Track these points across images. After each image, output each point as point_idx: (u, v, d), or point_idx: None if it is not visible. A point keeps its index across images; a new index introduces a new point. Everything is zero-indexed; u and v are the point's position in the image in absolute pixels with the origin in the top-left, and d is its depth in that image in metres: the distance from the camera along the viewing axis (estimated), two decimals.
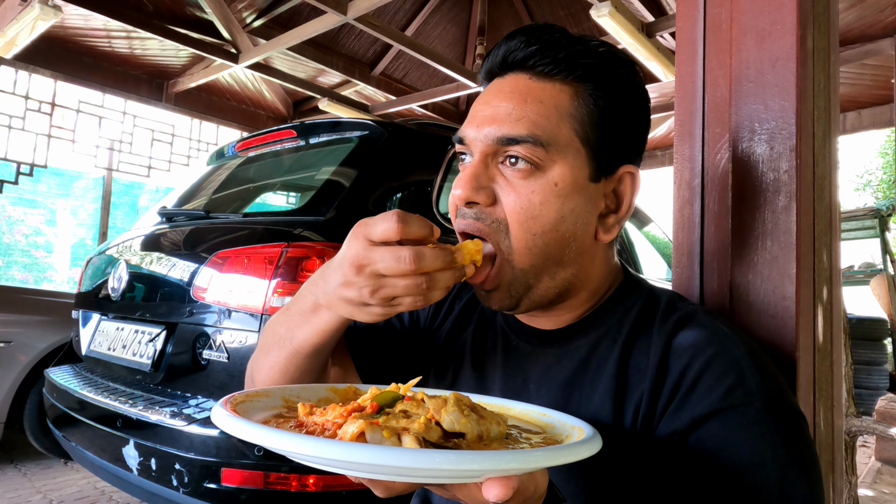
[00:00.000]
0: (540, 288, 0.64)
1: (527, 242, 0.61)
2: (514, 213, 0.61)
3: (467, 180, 0.61)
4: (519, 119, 0.60)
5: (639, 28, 3.97)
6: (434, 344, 0.82)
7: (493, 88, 0.64)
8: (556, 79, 0.61)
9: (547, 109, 0.60)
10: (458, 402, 0.47)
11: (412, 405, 0.48)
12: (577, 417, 0.63)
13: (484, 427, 0.46)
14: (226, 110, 6.42)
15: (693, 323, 0.62)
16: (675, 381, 0.58)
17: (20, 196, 6.98)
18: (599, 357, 0.65)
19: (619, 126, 0.64)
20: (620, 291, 0.69)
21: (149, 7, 4.71)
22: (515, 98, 0.61)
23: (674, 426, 0.57)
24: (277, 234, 1.68)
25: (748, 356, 0.57)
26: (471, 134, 0.63)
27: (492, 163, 0.62)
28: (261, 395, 0.55)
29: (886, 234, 6.39)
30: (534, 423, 0.57)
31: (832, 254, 0.86)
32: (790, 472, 0.52)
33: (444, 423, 0.45)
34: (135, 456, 1.62)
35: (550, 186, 0.60)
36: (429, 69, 6.35)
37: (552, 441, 0.51)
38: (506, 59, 0.63)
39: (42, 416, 2.98)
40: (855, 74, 5.21)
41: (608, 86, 0.62)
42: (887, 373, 5.42)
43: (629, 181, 0.66)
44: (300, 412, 0.50)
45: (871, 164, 18.76)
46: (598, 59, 0.62)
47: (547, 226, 0.61)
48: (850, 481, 2.00)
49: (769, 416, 0.54)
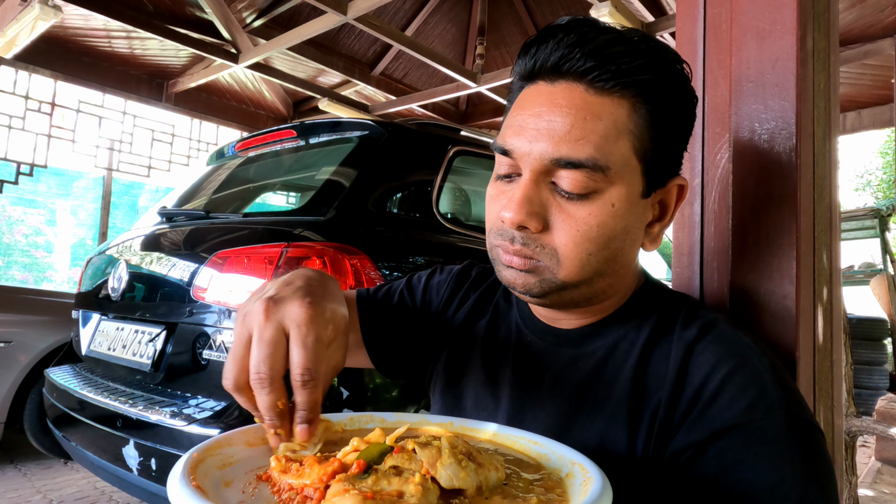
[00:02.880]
0: (574, 293, 0.62)
1: (580, 261, 0.58)
2: (569, 238, 0.57)
3: (520, 203, 0.56)
4: (579, 139, 0.55)
5: (639, 28, 3.97)
6: (447, 330, 0.80)
7: (544, 98, 0.57)
8: (613, 93, 0.56)
9: (607, 128, 0.56)
10: (454, 451, 0.43)
11: (403, 459, 0.44)
12: (585, 422, 0.62)
13: (482, 476, 0.43)
14: (226, 110, 6.42)
15: (715, 332, 0.61)
16: (694, 390, 0.57)
17: (20, 196, 6.99)
18: (616, 361, 0.64)
19: (674, 136, 0.61)
20: (640, 295, 0.68)
21: (149, 7, 4.71)
22: (573, 114, 0.55)
23: (692, 437, 0.55)
24: (277, 234, 1.68)
25: (770, 369, 0.56)
26: (521, 148, 0.57)
27: (543, 182, 0.57)
28: (222, 446, 0.50)
29: (886, 234, 6.39)
30: (524, 453, 0.54)
31: (832, 254, 0.86)
32: (810, 490, 0.51)
33: (441, 479, 0.41)
34: (135, 456, 1.62)
35: (608, 208, 0.57)
36: (429, 69, 6.35)
37: (552, 483, 0.48)
38: (558, 65, 0.57)
39: (42, 416, 2.98)
40: (855, 74, 5.21)
41: (665, 97, 0.59)
42: (887, 373, 5.41)
43: (676, 191, 0.64)
44: (272, 468, 0.45)
45: (871, 164, 18.76)
46: (658, 71, 0.58)
47: (601, 245, 0.58)
48: (850, 481, 2.00)
49: (790, 431, 0.53)
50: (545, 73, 0.58)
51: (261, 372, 0.47)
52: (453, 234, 2.01)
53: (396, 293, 0.86)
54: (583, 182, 0.56)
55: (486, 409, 0.72)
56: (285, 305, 0.49)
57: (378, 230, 1.79)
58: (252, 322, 0.49)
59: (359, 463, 0.42)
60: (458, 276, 0.84)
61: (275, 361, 0.48)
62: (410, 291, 0.86)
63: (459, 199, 2.33)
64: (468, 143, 2.18)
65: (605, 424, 0.61)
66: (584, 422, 0.63)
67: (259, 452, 0.52)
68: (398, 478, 0.41)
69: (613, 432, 0.60)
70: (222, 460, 0.48)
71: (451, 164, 2.10)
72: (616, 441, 0.60)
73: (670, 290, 0.71)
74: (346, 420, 0.60)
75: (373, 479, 0.40)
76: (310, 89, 5.94)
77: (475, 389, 0.74)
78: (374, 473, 0.41)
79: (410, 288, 0.86)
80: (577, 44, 0.56)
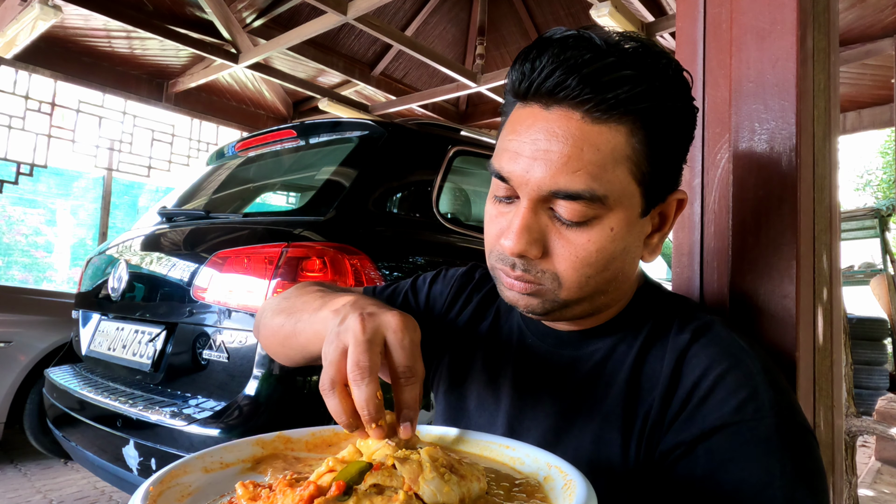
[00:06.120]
0: (576, 309, 0.62)
1: (579, 283, 0.59)
2: (569, 264, 0.58)
3: (519, 234, 0.56)
4: (576, 171, 0.54)
5: (639, 28, 3.97)
6: (450, 332, 0.81)
7: (540, 125, 0.56)
8: (611, 120, 0.55)
9: (604, 158, 0.54)
10: (435, 465, 0.42)
11: (383, 476, 0.42)
12: (582, 423, 0.62)
13: (465, 488, 0.42)
14: (226, 110, 6.42)
15: (710, 334, 0.61)
16: (686, 391, 0.57)
17: (20, 196, 6.98)
18: (614, 362, 0.64)
19: (673, 154, 0.60)
20: (640, 297, 0.68)
21: (149, 7, 4.70)
22: (571, 144, 0.54)
23: (682, 437, 0.56)
24: (277, 234, 1.68)
25: (763, 372, 0.56)
26: (518, 176, 0.57)
27: (542, 208, 0.57)
28: (178, 475, 0.46)
29: (886, 234, 6.39)
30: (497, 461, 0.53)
31: (832, 254, 0.86)
32: (797, 491, 0.51)
33: (424, 496, 0.40)
34: (135, 456, 1.62)
35: (606, 233, 0.57)
36: (429, 69, 6.35)
37: (531, 488, 0.47)
38: (553, 92, 0.55)
39: (42, 416, 2.98)
40: (855, 74, 5.21)
41: (665, 120, 0.57)
42: (887, 373, 5.41)
43: (675, 204, 0.64)
44: (239, 495, 0.41)
45: (871, 164, 18.77)
46: (658, 97, 0.56)
47: (600, 268, 0.58)
48: (850, 481, 2.00)
49: (780, 433, 0.53)
50: (540, 96, 0.56)
51: (360, 362, 0.48)
52: (453, 234, 2.01)
53: (402, 294, 0.86)
54: (581, 211, 0.56)
55: (487, 410, 0.72)
56: (379, 316, 0.51)
57: (378, 230, 1.79)
58: (348, 334, 0.50)
59: (338, 484, 0.40)
60: (462, 278, 0.85)
61: (374, 356, 0.49)
62: (415, 293, 0.86)
63: (459, 199, 2.33)
64: (468, 143, 2.18)
65: (600, 425, 0.62)
66: (581, 422, 0.63)
67: (218, 478, 0.49)
68: (380, 497, 0.39)
69: (608, 433, 0.61)
70: (181, 491, 0.45)
71: (451, 164, 2.10)
72: (611, 441, 0.60)
73: (669, 292, 0.71)
74: (308, 436, 0.58)
75: (354, 500, 0.39)
76: (310, 89, 5.94)
77: (478, 391, 0.74)
78: (354, 494, 0.39)
79: (415, 289, 0.87)
80: (573, 69, 0.54)
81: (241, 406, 1.52)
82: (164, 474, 0.45)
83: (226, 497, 0.45)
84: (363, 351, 0.48)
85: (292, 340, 0.67)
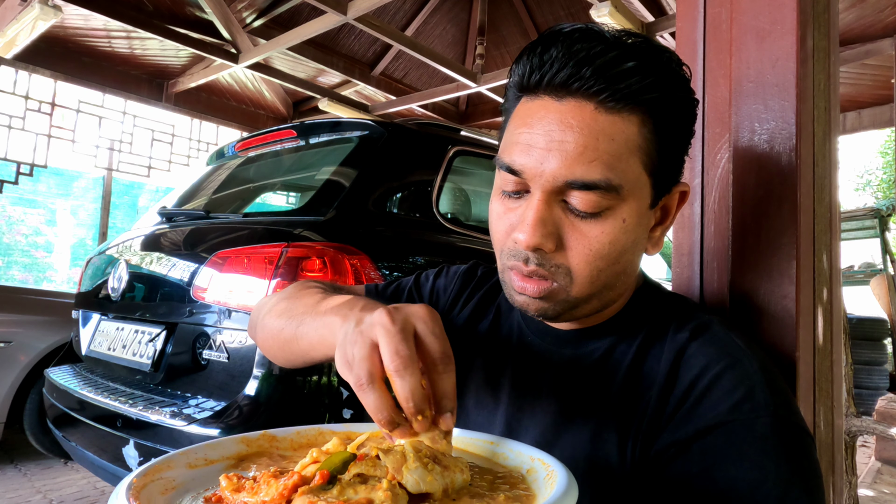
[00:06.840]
0: (586, 308, 0.62)
1: (591, 278, 0.59)
2: (582, 257, 0.58)
3: (534, 226, 0.56)
4: (592, 160, 0.54)
5: (639, 28, 3.97)
6: (451, 330, 0.80)
7: (553, 116, 0.56)
8: (623, 111, 0.55)
9: (618, 147, 0.55)
10: (419, 455, 0.42)
11: (367, 466, 0.42)
12: (581, 421, 0.62)
13: (448, 478, 0.42)
14: (226, 110, 6.43)
15: (708, 333, 0.61)
16: (683, 390, 0.58)
17: (20, 196, 6.98)
18: (613, 361, 0.64)
19: (679, 145, 0.61)
20: (639, 297, 0.68)
21: (149, 7, 4.71)
22: (586, 134, 0.54)
23: (677, 435, 0.56)
24: (277, 234, 1.68)
25: (760, 371, 0.56)
26: (530, 167, 0.56)
27: (555, 200, 0.57)
28: (162, 470, 0.46)
29: (886, 234, 6.39)
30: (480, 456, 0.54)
31: (832, 254, 0.86)
32: (791, 491, 0.51)
33: (408, 485, 0.40)
34: (135, 456, 1.62)
35: (619, 224, 0.57)
36: (429, 69, 6.35)
37: (514, 479, 0.47)
38: (567, 83, 0.55)
39: (42, 416, 2.98)
40: (855, 74, 5.21)
41: (672, 110, 0.58)
42: (887, 373, 5.42)
43: (678, 196, 0.65)
44: (223, 487, 0.41)
45: (871, 164, 18.77)
46: (666, 87, 0.57)
47: (612, 261, 0.59)
48: (850, 481, 2.00)
49: (775, 432, 0.53)
50: (551, 88, 0.56)
51: (400, 351, 0.46)
52: (453, 234, 2.01)
53: (405, 291, 0.86)
54: (596, 202, 0.56)
55: (486, 408, 0.73)
56: (405, 308, 0.50)
57: (378, 230, 1.79)
58: (375, 329, 0.48)
59: (322, 473, 0.40)
60: (464, 276, 0.85)
61: (411, 345, 0.47)
62: (418, 289, 0.86)
63: (459, 199, 2.33)
64: (468, 143, 2.18)
65: (599, 424, 0.62)
66: (579, 421, 0.63)
67: (202, 474, 0.49)
68: (364, 486, 0.39)
69: (606, 431, 0.61)
70: (164, 485, 0.45)
71: (451, 164, 2.10)
72: (609, 440, 0.61)
73: (668, 291, 0.71)
74: (294, 434, 0.58)
75: (338, 489, 0.39)
76: (310, 89, 5.95)
77: (476, 389, 0.75)
78: (338, 483, 0.39)
79: (418, 286, 0.87)
80: (585, 61, 0.54)
81: (241, 406, 1.52)
82: (148, 468, 0.45)
83: (210, 490, 0.45)
84: (400, 341, 0.46)
85: (293, 345, 0.66)
